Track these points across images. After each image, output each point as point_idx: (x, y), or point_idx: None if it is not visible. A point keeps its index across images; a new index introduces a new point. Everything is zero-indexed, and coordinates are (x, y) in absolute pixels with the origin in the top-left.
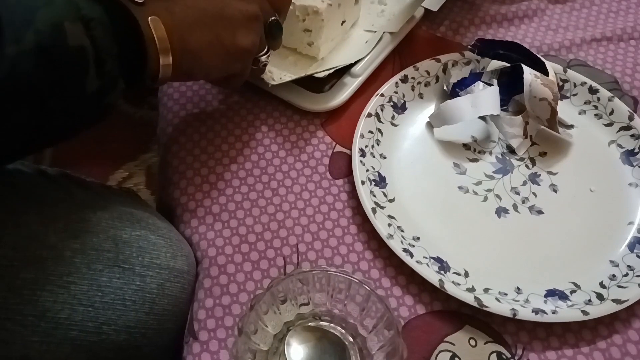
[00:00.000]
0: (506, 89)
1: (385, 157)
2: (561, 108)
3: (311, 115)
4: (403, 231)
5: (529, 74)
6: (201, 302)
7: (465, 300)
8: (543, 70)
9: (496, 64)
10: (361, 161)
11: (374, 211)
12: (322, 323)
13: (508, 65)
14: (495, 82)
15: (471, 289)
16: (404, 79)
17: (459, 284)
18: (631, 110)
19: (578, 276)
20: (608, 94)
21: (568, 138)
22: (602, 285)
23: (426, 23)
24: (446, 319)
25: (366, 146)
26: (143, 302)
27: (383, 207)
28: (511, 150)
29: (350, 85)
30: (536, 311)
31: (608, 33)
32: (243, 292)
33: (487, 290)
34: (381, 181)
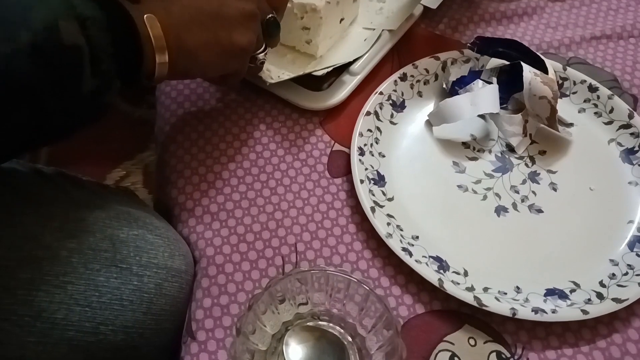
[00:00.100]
0: (505, 87)
1: (384, 156)
2: (561, 106)
3: (310, 113)
4: (402, 230)
5: (529, 72)
6: (199, 302)
7: (464, 299)
8: (543, 68)
9: (495, 62)
10: (360, 160)
11: (373, 210)
12: (321, 323)
13: (507, 63)
14: (494, 80)
15: (470, 288)
16: (403, 77)
17: (459, 283)
18: (631, 108)
19: (578, 275)
20: (608, 92)
21: (568, 136)
22: (602, 284)
23: (425, 21)
24: (445, 319)
25: (365, 145)
26: (140, 302)
27: (382, 206)
28: (511, 148)
29: (348, 83)
30: (536, 310)
31: (608, 31)
32: (241, 292)
33: (487, 289)
34: (380, 180)
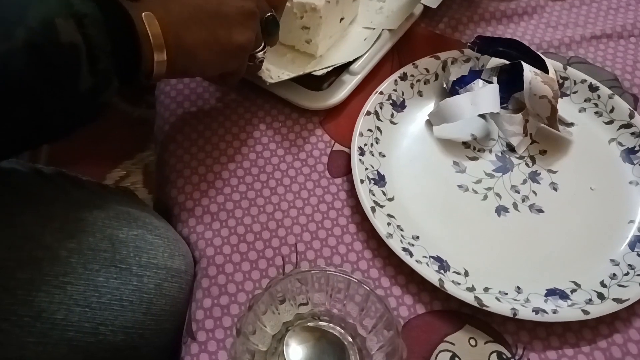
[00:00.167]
0: (506, 87)
1: (384, 156)
2: (561, 106)
3: (310, 113)
4: (402, 230)
5: (529, 72)
6: (199, 302)
7: (465, 299)
8: (543, 67)
9: (496, 62)
10: (360, 160)
11: (373, 210)
12: (321, 323)
13: (508, 62)
14: (495, 80)
15: (471, 289)
16: (403, 77)
17: (459, 284)
18: (631, 108)
19: (578, 275)
20: (608, 92)
21: (568, 136)
22: (603, 284)
23: (425, 20)
24: (446, 319)
25: (365, 144)
26: (140, 303)
27: (382, 206)
28: (511, 148)
29: (348, 83)
30: (536, 310)
31: (608, 30)
32: (241, 292)
33: (487, 289)
34: (380, 180)
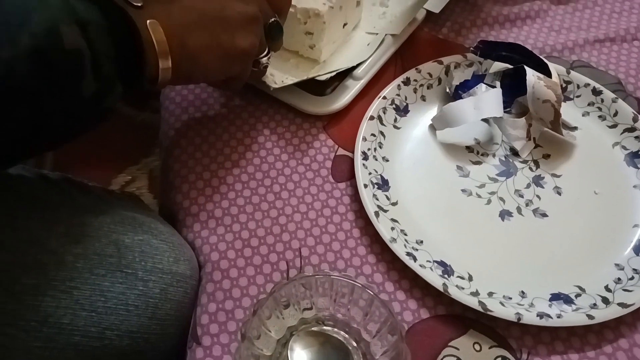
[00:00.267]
0: (509, 91)
1: (387, 160)
2: (564, 110)
3: (313, 118)
4: (406, 235)
5: (532, 76)
6: (204, 307)
7: (469, 304)
8: (546, 71)
9: (499, 66)
10: (364, 164)
11: (377, 215)
12: (326, 328)
13: (511, 67)
14: (498, 84)
15: (475, 293)
16: (406, 82)
17: (463, 288)
18: (635, 111)
19: (583, 280)
20: (612, 96)
21: (572, 140)
22: (608, 288)
23: (428, 25)
24: (450, 323)
25: (369, 149)
26: (146, 307)
27: (386, 211)
28: (514, 152)
29: (352, 88)
30: (541, 315)
31: (611, 34)
32: (246, 297)
33: (491, 294)
34: (384, 184)
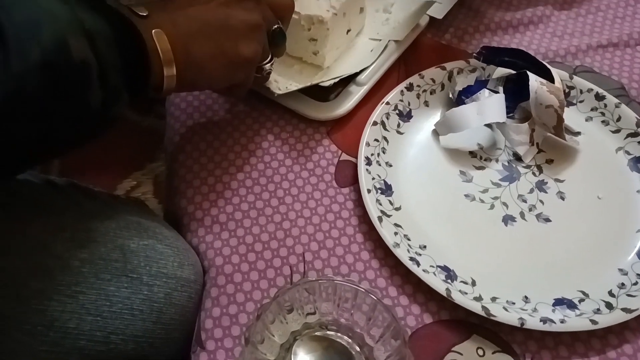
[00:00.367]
0: (512, 96)
1: (391, 165)
2: (568, 115)
3: (317, 123)
4: (409, 240)
5: (535, 81)
6: (208, 312)
7: (472, 309)
8: (549, 77)
9: (502, 72)
10: (367, 169)
11: (380, 220)
12: (329, 332)
13: (514, 72)
14: (500, 90)
15: (478, 298)
16: (410, 87)
17: (466, 293)
18: (638, 116)
19: (586, 285)
20: (615, 101)
21: (575, 145)
22: (611, 294)
23: (431, 31)
24: (453, 328)
25: (372, 154)
26: (150, 312)
27: (389, 216)
28: (518, 157)
29: (355, 93)
30: (544, 320)
31: (614, 39)
32: (250, 302)
33: (495, 299)
34: (387, 189)
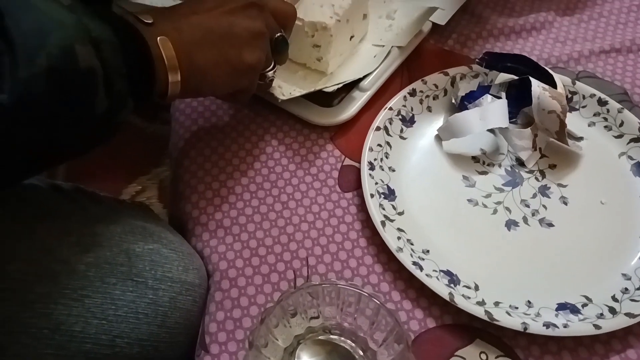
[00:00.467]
0: (514, 102)
1: (394, 170)
2: (570, 120)
3: (320, 129)
4: (412, 244)
5: (537, 87)
6: (212, 315)
7: (475, 313)
8: (551, 82)
9: (504, 77)
10: (370, 174)
11: (383, 224)
12: (332, 336)
13: (516, 78)
14: (503, 95)
15: (481, 303)
16: (413, 93)
17: (469, 298)
18: None
19: (589, 289)
20: (618, 106)
21: (578, 150)
22: (615, 298)
23: (434, 36)
24: (457, 333)
25: (375, 159)
26: (155, 315)
27: (392, 220)
28: (520, 162)
29: (359, 99)
30: (547, 325)
31: (617, 44)
32: (254, 306)
33: (498, 303)
34: (390, 194)
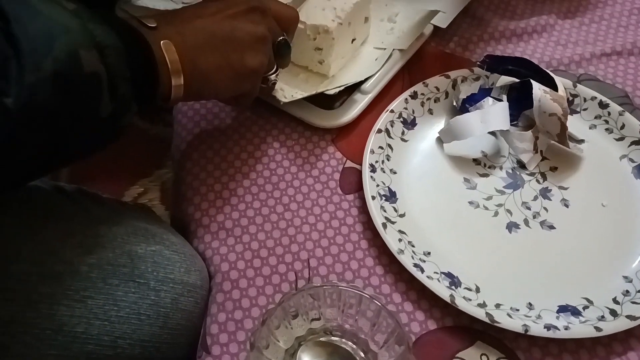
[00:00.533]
0: (516, 104)
1: (395, 173)
2: (571, 123)
3: (322, 131)
4: (414, 246)
5: (538, 90)
6: (214, 317)
7: (476, 315)
8: (552, 85)
9: (505, 80)
10: (371, 176)
11: (385, 226)
12: (334, 338)
13: (517, 80)
14: (504, 98)
15: (482, 305)
16: (414, 95)
17: (470, 300)
18: None
19: (590, 292)
20: (619, 109)
21: (579, 153)
22: (616, 301)
23: (435, 39)
24: (457, 335)
25: (376, 162)
26: (157, 317)
27: (393, 222)
28: (521, 165)
29: (360, 101)
30: (548, 327)
31: (618, 47)
32: (255, 307)
33: (499, 305)
34: (391, 196)
